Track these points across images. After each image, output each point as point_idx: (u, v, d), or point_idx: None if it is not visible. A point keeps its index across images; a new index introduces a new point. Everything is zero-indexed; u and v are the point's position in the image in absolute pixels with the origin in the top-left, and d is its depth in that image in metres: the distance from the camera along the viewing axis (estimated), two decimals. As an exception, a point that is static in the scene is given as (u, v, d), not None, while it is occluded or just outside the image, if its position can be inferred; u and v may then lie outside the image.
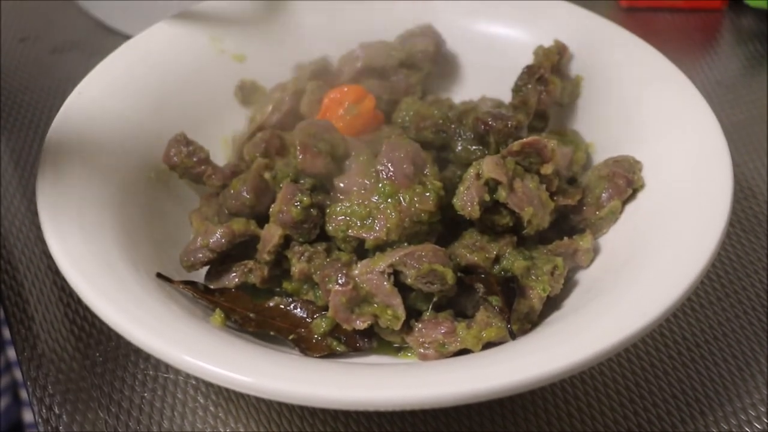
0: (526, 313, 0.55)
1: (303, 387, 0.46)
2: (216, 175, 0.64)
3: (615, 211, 0.60)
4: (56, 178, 0.57)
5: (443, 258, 0.54)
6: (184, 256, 0.59)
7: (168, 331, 0.48)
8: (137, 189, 0.62)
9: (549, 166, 0.58)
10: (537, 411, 0.57)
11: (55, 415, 0.57)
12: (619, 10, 0.94)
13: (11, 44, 0.91)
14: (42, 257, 0.67)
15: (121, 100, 0.65)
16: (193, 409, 0.57)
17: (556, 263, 0.56)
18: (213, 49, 0.71)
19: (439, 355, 0.54)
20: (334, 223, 0.56)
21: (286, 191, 0.57)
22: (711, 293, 0.64)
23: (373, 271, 0.54)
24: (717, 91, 0.83)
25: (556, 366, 0.46)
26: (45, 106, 0.83)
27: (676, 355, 0.60)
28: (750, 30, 0.91)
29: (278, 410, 0.57)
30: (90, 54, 0.88)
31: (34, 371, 0.60)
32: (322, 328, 0.56)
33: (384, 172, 0.56)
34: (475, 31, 0.73)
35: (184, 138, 0.64)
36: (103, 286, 0.50)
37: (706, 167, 0.57)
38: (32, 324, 0.63)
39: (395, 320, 0.54)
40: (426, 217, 0.55)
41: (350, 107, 0.64)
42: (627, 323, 0.48)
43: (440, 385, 0.46)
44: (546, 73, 0.66)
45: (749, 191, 0.72)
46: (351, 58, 0.70)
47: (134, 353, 0.60)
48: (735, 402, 0.57)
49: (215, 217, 0.62)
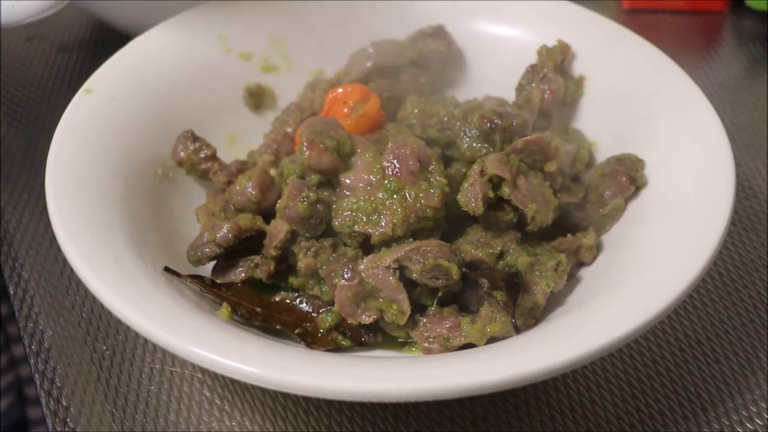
0: (530, 308, 0.55)
1: (309, 378, 0.46)
2: (222, 172, 0.65)
3: (618, 209, 0.60)
4: (65, 174, 0.57)
5: (448, 253, 0.55)
6: (191, 251, 0.60)
7: (176, 323, 0.49)
8: (145, 185, 0.62)
9: (553, 164, 0.59)
10: (540, 406, 0.57)
11: (63, 407, 0.57)
12: (621, 11, 0.94)
13: (18, 43, 0.92)
14: (48, 253, 0.68)
15: (128, 97, 0.65)
16: (199, 402, 0.57)
17: (559, 259, 0.57)
18: (220, 48, 0.72)
19: (443, 350, 0.54)
20: (340, 219, 0.57)
21: (293, 187, 0.57)
22: (712, 291, 0.65)
23: (378, 266, 0.54)
24: (718, 93, 0.83)
25: (559, 360, 0.47)
26: (52, 104, 0.83)
27: (677, 351, 0.60)
28: (751, 32, 0.92)
29: (283, 403, 0.57)
30: (96, 53, 0.89)
31: (42, 365, 0.60)
32: (327, 322, 0.56)
33: (390, 169, 0.57)
34: (480, 31, 0.74)
35: (192, 135, 0.65)
36: (113, 279, 0.51)
37: (708, 166, 0.58)
38: (39, 318, 0.63)
39: (400, 315, 0.54)
40: (431, 213, 0.56)
41: (356, 107, 0.65)
42: (629, 319, 0.49)
43: (445, 377, 0.46)
44: (549, 73, 0.67)
45: (750, 191, 0.73)
46: (362, 57, 0.71)
47: (141, 347, 0.61)
48: (736, 398, 0.58)
49: (222, 212, 0.62)
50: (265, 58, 0.74)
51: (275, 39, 0.74)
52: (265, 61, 0.74)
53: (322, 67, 0.75)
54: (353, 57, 0.72)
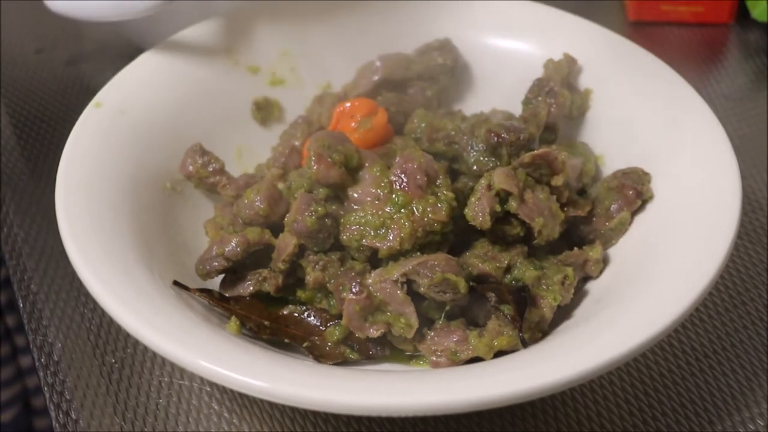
0: (537, 322, 0.55)
1: (317, 392, 0.46)
2: (230, 185, 0.65)
3: (624, 223, 0.61)
4: (75, 187, 0.58)
5: (456, 267, 0.55)
6: (199, 265, 0.60)
7: (185, 337, 0.49)
8: (154, 198, 0.63)
9: (559, 178, 0.59)
10: (547, 419, 0.57)
11: (72, 420, 0.58)
12: (626, 24, 0.95)
13: (27, 56, 0.93)
14: (58, 266, 0.68)
15: (137, 111, 0.66)
16: (207, 416, 0.58)
17: (566, 273, 0.57)
18: (228, 61, 0.72)
19: (451, 363, 0.54)
20: (348, 233, 0.57)
21: (301, 201, 0.58)
22: (718, 304, 0.65)
23: (386, 280, 0.55)
24: (723, 105, 0.84)
25: (566, 374, 0.47)
26: (61, 117, 0.84)
27: (685, 365, 0.60)
28: (756, 44, 0.92)
29: (291, 416, 0.57)
30: (105, 66, 0.89)
31: (51, 377, 0.60)
32: (335, 336, 0.57)
33: (397, 183, 0.57)
34: (486, 44, 0.74)
35: (200, 148, 0.66)
36: (122, 292, 0.51)
37: (714, 179, 0.58)
38: (48, 331, 0.63)
39: (408, 328, 0.55)
40: (438, 227, 0.56)
41: (364, 121, 0.65)
42: (637, 333, 0.49)
43: (453, 391, 0.46)
44: (556, 86, 0.67)
45: (756, 204, 0.73)
46: (369, 70, 0.71)
47: (150, 360, 0.61)
48: (743, 412, 0.58)
49: (230, 226, 0.63)
50: (273, 72, 0.74)
51: (283, 52, 0.74)
52: (273, 74, 0.74)
53: (330, 81, 0.75)
54: (360, 71, 0.72)
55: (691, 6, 0.93)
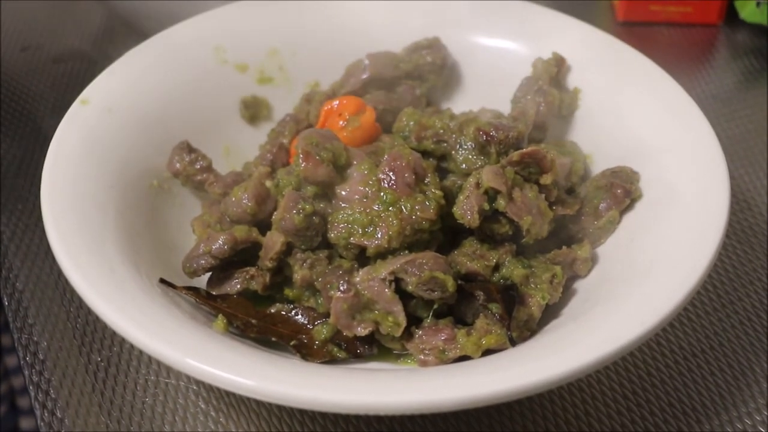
0: (526, 320, 0.55)
1: (304, 391, 0.46)
2: (218, 183, 0.65)
3: (613, 221, 0.61)
4: (61, 185, 0.57)
5: (444, 266, 0.55)
6: (186, 263, 0.59)
7: (171, 335, 0.49)
8: (140, 196, 0.62)
9: (548, 176, 0.59)
10: (535, 419, 0.57)
11: (57, 419, 0.57)
12: (615, 24, 0.95)
13: (12, 53, 0.92)
14: (43, 264, 0.68)
15: (124, 108, 0.65)
16: (194, 414, 0.57)
17: (555, 272, 0.57)
18: (216, 59, 0.72)
19: (439, 362, 0.54)
20: (336, 231, 0.57)
21: (289, 199, 0.57)
22: (707, 303, 0.65)
23: (374, 278, 0.55)
24: (713, 105, 0.84)
25: (555, 373, 0.47)
26: (47, 114, 0.83)
27: (672, 364, 0.60)
28: (745, 45, 0.92)
29: (278, 415, 0.57)
30: (91, 63, 0.89)
31: (36, 376, 0.60)
32: (323, 334, 0.56)
33: (386, 181, 0.57)
34: (475, 43, 0.74)
35: (187, 146, 0.65)
36: (107, 290, 0.51)
37: (703, 178, 0.58)
38: (34, 329, 0.63)
39: (396, 327, 0.54)
40: (427, 226, 0.56)
41: (352, 119, 0.65)
42: (624, 331, 0.49)
43: (440, 390, 0.46)
44: (544, 85, 0.67)
45: (745, 203, 0.73)
46: (358, 69, 0.71)
47: (136, 358, 0.60)
48: (731, 411, 0.58)
49: (217, 224, 0.62)
50: (261, 70, 0.74)
51: (271, 51, 0.74)
52: (261, 72, 0.74)
53: (318, 79, 0.75)
54: (349, 69, 0.72)
55: (680, 6, 0.94)
